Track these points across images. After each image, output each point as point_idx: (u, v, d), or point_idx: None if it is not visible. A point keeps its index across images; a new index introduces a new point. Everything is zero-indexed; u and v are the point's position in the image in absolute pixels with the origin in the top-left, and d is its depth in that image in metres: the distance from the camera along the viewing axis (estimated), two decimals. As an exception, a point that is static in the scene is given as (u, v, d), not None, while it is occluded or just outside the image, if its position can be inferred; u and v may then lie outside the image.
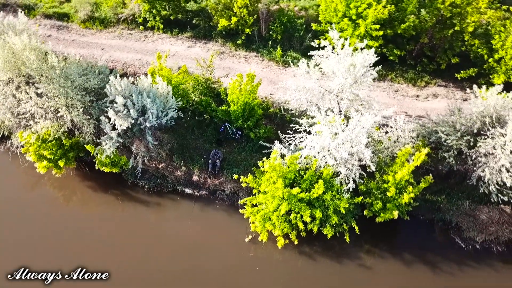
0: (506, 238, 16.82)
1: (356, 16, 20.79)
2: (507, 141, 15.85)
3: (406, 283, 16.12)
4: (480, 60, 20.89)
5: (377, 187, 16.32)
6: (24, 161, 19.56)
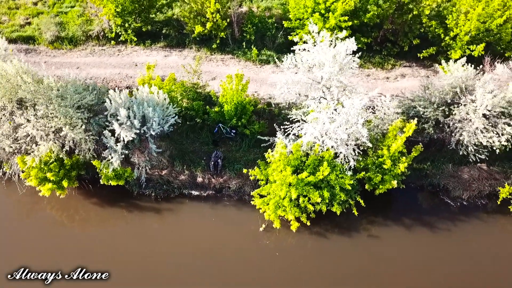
0: (487, 191, 19.02)
1: (324, 11, 22.36)
2: (477, 106, 17.99)
3: (410, 244, 17.77)
4: (438, 39, 23.21)
5: (373, 162, 17.87)
6: (21, 187, 19.25)
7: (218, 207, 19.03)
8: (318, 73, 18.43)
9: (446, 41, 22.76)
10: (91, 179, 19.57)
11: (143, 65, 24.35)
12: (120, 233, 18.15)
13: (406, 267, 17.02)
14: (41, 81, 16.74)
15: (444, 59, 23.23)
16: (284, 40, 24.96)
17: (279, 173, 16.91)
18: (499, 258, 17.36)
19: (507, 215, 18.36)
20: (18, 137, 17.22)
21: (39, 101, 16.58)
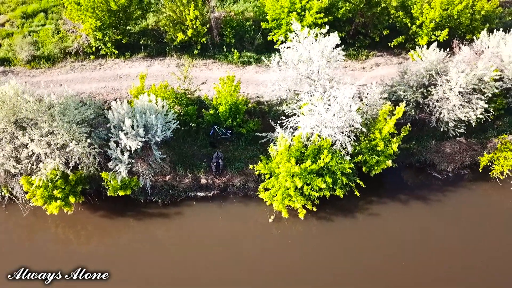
0: (468, 162, 20.88)
1: (300, 10, 23.57)
2: (453, 85, 19.77)
3: (406, 217, 19.25)
4: (405, 28, 25.01)
5: (366, 146, 19.20)
6: (24, 209, 19.08)
7: (225, 205, 19.71)
8: (308, 67, 19.52)
9: (413, 29, 24.57)
10: (95, 193, 19.67)
11: (127, 77, 24.73)
12: (135, 241, 18.41)
13: (406, 237, 18.45)
14: (41, 99, 16.77)
15: (412, 46, 25.37)
16: (263, 40, 25.96)
17: (284, 164, 17.83)
18: (485, 219, 19.21)
19: (488, 181, 20.26)
20: (21, 158, 17.12)
21: (41, 120, 16.62)
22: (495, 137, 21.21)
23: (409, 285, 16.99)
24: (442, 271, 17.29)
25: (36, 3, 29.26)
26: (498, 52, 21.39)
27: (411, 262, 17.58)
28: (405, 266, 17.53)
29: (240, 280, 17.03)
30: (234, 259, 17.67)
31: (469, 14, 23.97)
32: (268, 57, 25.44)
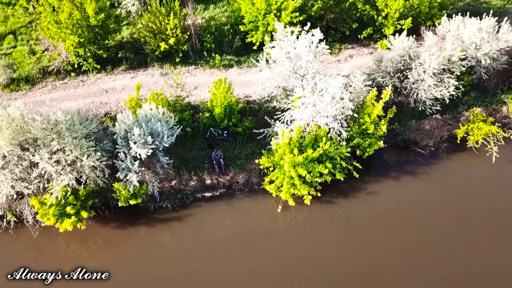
0: (446, 136, 22.96)
1: (276, 10, 24.85)
2: (426, 67, 21.75)
3: (400, 191, 20.94)
4: (372, 20, 26.96)
5: (357, 131, 20.72)
6: (34, 231, 18.98)
7: (233, 201, 20.53)
8: (296, 63, 20.77)
9: (379, 20, 26.56)
10: (103, 206, 19.85)
11: (113, 91, 24.93)
12: (152, 247, 18.83)
13: (403, 208, 20.10)
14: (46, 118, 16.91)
15: (380, 36, 27.42)
16: (241, 43, 27.01)
17: (288, 155, 18.92)
18: (467, 183, 21.33)
19: (466, 150, 22.43)
20: (32, 178, 17.14)
21: (49, 138, 16.75)
22: (466, 110, 23.45)
23: (410, 249, 18.53)
24: (439, 233, 19.05)
25: (2, 26, 28.72)
26: (459, 35, 23.65)
27: (410, 230, 19.21)
28: (405, 234, 19.13)
29: (260, 270, 17.91)
30: (250, 251, 18.53)
31: (427, 3, 26.23)
32: (248, 58, 26.86)
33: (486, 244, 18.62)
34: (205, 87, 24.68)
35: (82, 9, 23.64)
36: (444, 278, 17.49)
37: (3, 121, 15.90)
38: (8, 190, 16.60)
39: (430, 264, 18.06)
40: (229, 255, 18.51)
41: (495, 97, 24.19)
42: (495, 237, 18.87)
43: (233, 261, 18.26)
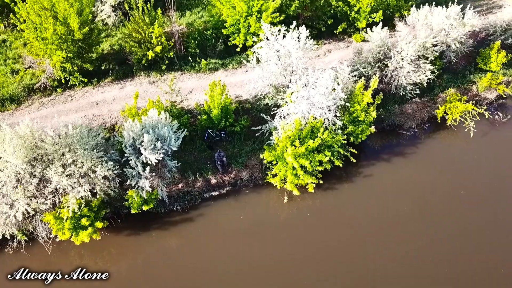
0: (427, 117, 24.80)
1: (257, 12, 25.86)
2: (403, 55, 23.46)
3: (393, 171, 22.46)
4: (345, 15, 28.53)
5: (349, 119, 22.07)
6: (47, 248, 18.95)
7: (240, 197, 21.32)
8: (287, 60, 21.85)
9: (352, 15, 28.16)
10: (115, 215, 20.08)
11: (104, 102, 25.06)
12: (170, 249, 19.29)
13: (398, 186, 21.61)
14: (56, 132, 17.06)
15: (353, 30, 29.05)
16: (224, 46, 27.81)
17: (290, 147, 19.94)
18: (451, 158, 23.17)
19: (446, 128, 24.37)
20: (46, 194, 17.21)
21: (59, 152, 16.90)
22: (442, 92, 25.42)
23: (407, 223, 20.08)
24: (432, 205, 20.70)
25: (-28, 46, 28.06)
26: (428, 23, 25.57)
27: (406, 205, 20.71)
28: (402, 209, 20.62)
29: (279, 258, 18.81)
30: (267, 241, 19.40)
31: (395, -4, 28.14)
32: (232, 61, 27.75)
33: (476, 211, 20.44)
34: (195, 91, 25.36)
35: (65, 24, 23.62)
36: (439, 241, 19.27)
37: (13, 139, 15.90)
38: (24, 208, 16.58)
39: (427, 233, 19.73)
40: (247, 247, 19.29)
41: (465, 77, 26.33)
42: (482, 204, 20.75)
43: (252, 253, 19.06)
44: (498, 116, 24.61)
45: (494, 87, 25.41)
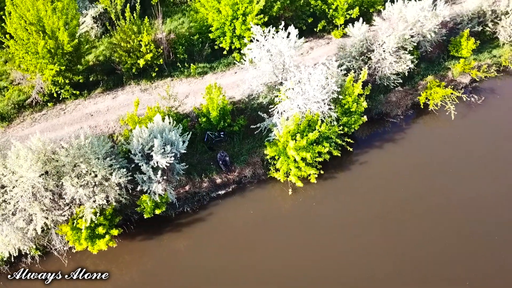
0: (410, 104, 26.40)
1: (242, 15, 26.69)
2: (385, 47, 24.95)
3: (385, 155, 23.81)
4: (324, 13, 29.85)
5: (341, 111, 23.27)
6: (63, 260, 19.01)
7: (246, 194, 22.07)
8: (279, 59, 22.80)
9: (330, 13, 29.51)
10: (128, 222, 20.36)
11: (98, 113, 25.19)
12: (186, 249, 19.78)
13: (392, 169, 22.95)
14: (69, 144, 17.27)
15: (332, 27, 30.41)
16: (211, 50, 28.46)
17: (291, 141, 20.87)
18: (436, 139, 24.81)
19: (428, 113, 26.03)
20: (61, 205, 17.36)
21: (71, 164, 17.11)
22: (421, 80, 27.11)
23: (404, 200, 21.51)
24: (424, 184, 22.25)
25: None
26: (402, 16, 27.20)
27: (401, 186, 22.13)
28: (398, 190, 22.01)
29: (294, 245, 19.72)
30: (279, 232, 20.25)
31: (369, -8, 29.70)
32: (219, 64, 28.47)
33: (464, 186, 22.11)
34: (188, 96, 25.88)
35: (54, 37, 23.61)
36: (433, 214, 20.90)
37: (29, 154, 16.02)
38: (43, 221, 16.67)
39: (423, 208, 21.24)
40: (260, 240, 20.05)
41: (440, 65, 28.18)
42: (472, 178, 22.47)
43: (266, 244, 19.85)
44: (474, 98, 26.49)
45: (467, 72, 27.34)
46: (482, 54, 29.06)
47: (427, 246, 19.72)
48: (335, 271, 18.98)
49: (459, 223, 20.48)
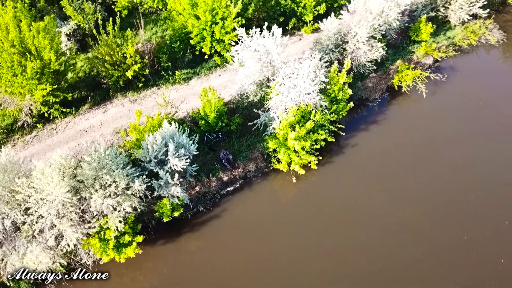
0: (385, 88, 28.72)
1: (221, 20, 27.77)
2: (358, 38, 27.06)
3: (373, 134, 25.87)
4: (293, 12, 31.58)
5: (328, 100, 25.02)
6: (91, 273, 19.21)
7: (254, 187, 23.21)
8: (267, 57, 24.14)
9: (299, 11, 31.30)
10: (148, 228, 20.85)
11: (93, 128, 25.31)
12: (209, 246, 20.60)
13: (379, 149, 24.96)
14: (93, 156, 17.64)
15: (302, 24, 32.22)
16: (192, 56, 29.27)
17: (291, 132, 22.28)
18: (413, 116, 27.28)
19: (402, 94, 28.47)
20: (88, 218, 17.67)
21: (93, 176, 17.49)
22: (391, 65, 29.52)
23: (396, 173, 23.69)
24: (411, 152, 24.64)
25: None
26: (367, 8, 29.48)
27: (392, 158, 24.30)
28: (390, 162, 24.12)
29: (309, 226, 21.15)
30: (289, 220, 21.56)
31: (330, -11, 31.83)
32: (201, 68, 29.35)
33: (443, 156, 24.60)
34: (179, 102, 26.55)
35: (39, 57, 23.49)
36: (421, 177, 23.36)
37: (55, 171, 16.25)
38: (75, 236, 16.91)
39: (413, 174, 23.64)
40: (275, 227, 21.26)
41: (405, 50, 30.80)
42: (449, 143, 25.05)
43: (282, 228, 21.16)
44: (439, 77, 29.26)
45: (430, 53, 30.14)
46: (438, 36, 32.01)
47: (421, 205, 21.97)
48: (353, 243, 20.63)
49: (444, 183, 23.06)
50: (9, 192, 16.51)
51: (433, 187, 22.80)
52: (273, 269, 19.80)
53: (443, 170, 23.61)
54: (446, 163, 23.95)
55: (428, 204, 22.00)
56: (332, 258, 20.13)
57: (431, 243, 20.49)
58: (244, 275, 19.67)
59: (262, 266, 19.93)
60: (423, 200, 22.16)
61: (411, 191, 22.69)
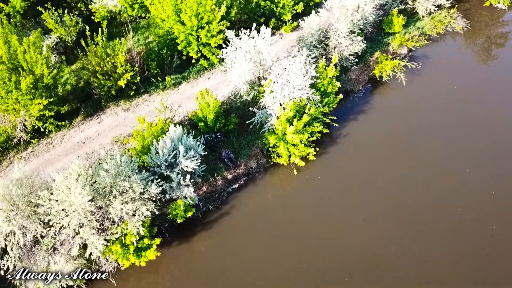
0: (367, 79, 30.27)
1: (206, 24, 28.42)
2: (338, 33, 28.47)
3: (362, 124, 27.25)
4: (272, 12, 32.65)
5: (318, 93, 26.22)
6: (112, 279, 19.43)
7: (257, 182, 24.04)
8: (259, 57, 25.05)
9: (278, 11, 32.41)
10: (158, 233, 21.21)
11: (90, 139, 25.41)
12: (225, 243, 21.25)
13: (369, 136, 26.38)
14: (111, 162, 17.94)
15: (281, 24, 33.36)
16: (180, 61, 29.74)
17: (289, 127, 23.27)
18: (397, 103, 28.96)
19: (384, 84, 30.13)
20: (108, 225, 17.94)
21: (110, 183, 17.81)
22: (370, 57, 31.13)
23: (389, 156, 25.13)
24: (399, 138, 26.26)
25: None
26: (343, 5, 30.99)
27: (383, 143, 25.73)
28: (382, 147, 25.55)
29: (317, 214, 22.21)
30: (301, 205, 22.56)
31: (306, -11, 33.13)
32: (190, 73, 29.89)
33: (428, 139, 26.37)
34: (175, 107, 26.97)
35: (31, 72, 23.36)
36: (412, 160, 24.88)
37: (79, 181, 16.47)
38: (101, 243, 17.15)
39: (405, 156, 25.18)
40: (285, 217, 22.17)
41: (381, 42, 32.53)
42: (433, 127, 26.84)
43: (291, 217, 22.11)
44: (414, 65, 31.13)
45: (404, 44, 31.99)
46: (409, 27, 34.01)
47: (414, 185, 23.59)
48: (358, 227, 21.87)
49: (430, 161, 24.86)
50: (28, 206, 16.55)
51: (421, 165, 24.54)
52: (287, 262, 20.67)
53: (428, 151, 25.37)
54: (430, 145, 25.69)
55: (421, 184, 23.62)
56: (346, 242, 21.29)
57: (429, 222, 22.02)
58: (258, 270, 20.43)
59: (276, 260, 20.74)
60: (416, 180, 23.81)
61: (403, 172, 24.30)
